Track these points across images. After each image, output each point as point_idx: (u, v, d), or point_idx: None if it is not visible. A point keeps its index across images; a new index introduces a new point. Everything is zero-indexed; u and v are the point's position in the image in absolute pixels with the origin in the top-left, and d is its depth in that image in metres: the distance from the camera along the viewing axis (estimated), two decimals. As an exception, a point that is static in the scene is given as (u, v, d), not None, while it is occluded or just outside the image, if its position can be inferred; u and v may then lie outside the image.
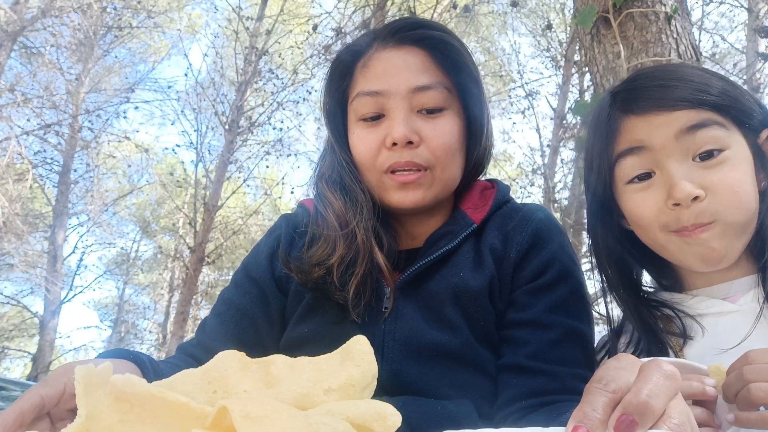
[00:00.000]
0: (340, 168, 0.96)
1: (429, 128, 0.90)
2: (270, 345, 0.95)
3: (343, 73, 0.98)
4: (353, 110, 0.95)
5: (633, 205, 0.84)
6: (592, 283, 0.97)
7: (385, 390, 0.82)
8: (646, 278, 1.00)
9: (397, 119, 0.89)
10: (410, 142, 0.89)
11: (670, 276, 0.95)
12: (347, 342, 0.51)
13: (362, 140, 0.93)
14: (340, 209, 0.92)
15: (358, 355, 0.49)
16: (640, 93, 0.83)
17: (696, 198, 0.77)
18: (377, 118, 0.92)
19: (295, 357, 0.95)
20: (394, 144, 0.89)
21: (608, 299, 0.95)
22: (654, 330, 0.87)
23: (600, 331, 0.99)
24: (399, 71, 0.91)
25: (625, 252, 0.92)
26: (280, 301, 0.96)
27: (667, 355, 0.85)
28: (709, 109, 0.79)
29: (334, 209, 0.92)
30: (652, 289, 0.97)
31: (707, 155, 0.79)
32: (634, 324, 0.89)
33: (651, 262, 0.93)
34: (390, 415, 0.40)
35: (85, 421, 0.37)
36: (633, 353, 0.88)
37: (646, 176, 0.83)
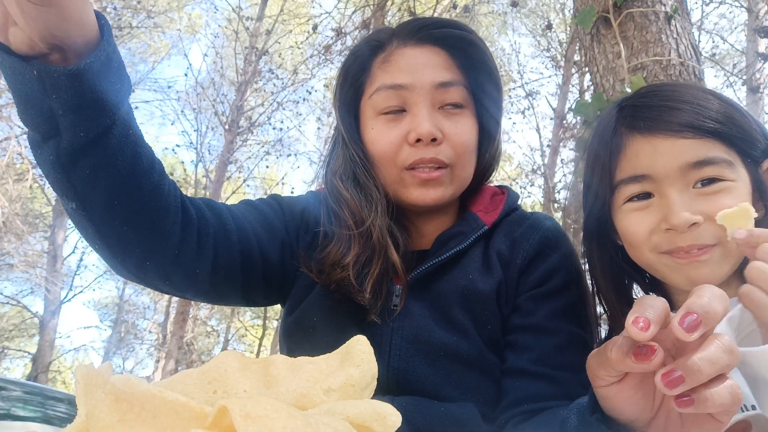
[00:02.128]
0: (353, 164, 0.94)
1: (451, 126, 0.90)
2: (262, 271, 0.92)
3: (361, 67, 0.96)
4: (372, 104, 0.93)
5: (627, 224, 0.84)
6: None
7: (389, 389, 0.82)
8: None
9: (421, 114, 0.88)
10: (434, 140, 0.88)
11: (659, 292, 0.94)
12: (347, 342, 0.51)
13: (383, 135, 0.91)
14: (354, 206, 0.90)
15: (357, 356, 0.49)
16: (646, 112, 0.83)
17: (694, 224, 0.77)
18: (399, 112, 0.91)
19: (303, 346, 0.94)
20: (418, 140, 0.87)
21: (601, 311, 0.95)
22: None
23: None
24: (423, 67, 0.90)
25: (616, 266, 0.92)
26: (291, 254, 0.95)
27: None
28: (715, 138, 0.79)
29: (349, 206, 0.91)
30: None
31: (708, 182, 0.79)
32: None
33: (641, 277, 0.94)
34: (390, 415, 0.40)
35: (85, 420, 0.37)
36: None
37: (645, 196, 0.83)
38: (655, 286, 0.94)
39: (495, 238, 0.94)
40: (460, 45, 0.92)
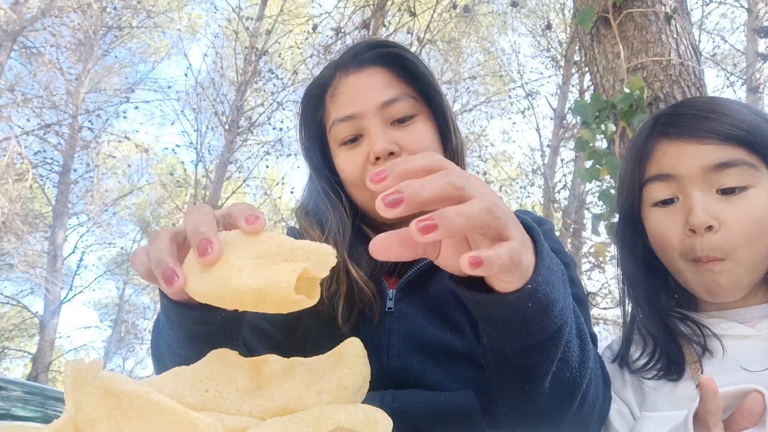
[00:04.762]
0: (316, 195, 1.01)
1: (405, 136, 0.94)
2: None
3: (315, 107, 1.03)
4: (333, 138, 1.00)
5: (655, 227, 0.89)
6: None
7: (391, 384, 0.84)
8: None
9: (374, 135, 0.93)
10: (392, 153, 0.92)
11: (685, 294, 0.96)
12: (340, 344, 0.51)
13: (347, 162, 0.97)
14: (314, 234, 0.97)
15: (351, 359, 0.48)
16: (676, 119, 0.89)
17: (710, 228, 0.80)
18: (356, 139, 0.97)
19: (294, 351, 0.95)
20: (378, 158, 0.92)
21: (628, 307, 0.99)
22: (677, 339, 0.89)
23: (605, 338, 1.00)
24: (365, 92, 0.96)
25: (646, 265, 0.96)
26: None
27: (683, 367, 0.87)
28: (738, 145, 0.82)
29: (310, 235, 0.97)
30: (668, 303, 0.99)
31: (730, 190, 0.82)
32: (658, 332, 0.91)
33: (668, 277, 0.96)
34: (380, 421, 0.39)
35: (73, 414, 0.37)
36: (647, 364, 0.90)
37: (670, 201, 0.87)
38: (681, 287, 0.95)
39: None
40: (395, 60, 0.98)
